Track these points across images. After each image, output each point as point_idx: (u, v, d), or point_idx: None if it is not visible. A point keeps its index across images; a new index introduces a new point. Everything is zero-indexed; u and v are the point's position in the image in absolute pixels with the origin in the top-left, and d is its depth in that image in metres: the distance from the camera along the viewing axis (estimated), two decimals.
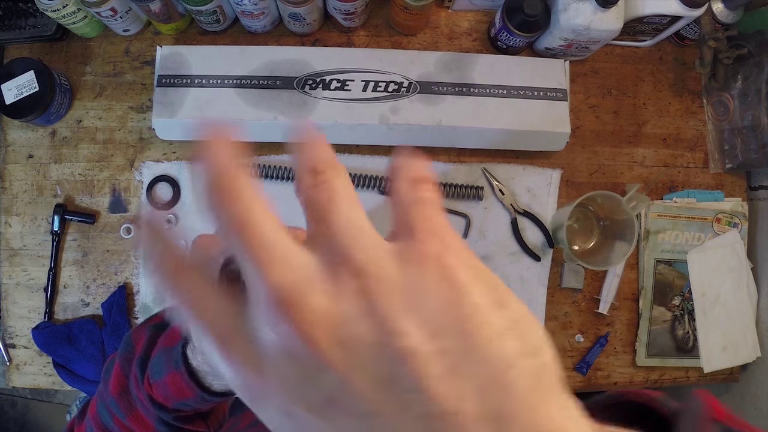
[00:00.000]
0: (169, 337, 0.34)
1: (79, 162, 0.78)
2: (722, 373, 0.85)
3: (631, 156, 0.85)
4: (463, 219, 0.80)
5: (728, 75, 0.83)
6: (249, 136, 0.76)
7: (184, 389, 0.32)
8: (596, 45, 0.78)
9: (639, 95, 0.86)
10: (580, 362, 0.81)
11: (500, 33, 0.77)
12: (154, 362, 0.34)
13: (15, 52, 0.79)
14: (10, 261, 0.77)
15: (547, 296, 0.81)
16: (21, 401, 1.56)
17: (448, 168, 0.80)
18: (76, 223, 0.77)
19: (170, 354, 0.32)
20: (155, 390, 0.33)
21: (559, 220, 0.78)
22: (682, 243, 0.84)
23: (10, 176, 0.78)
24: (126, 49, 0.80)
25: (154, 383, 0.33)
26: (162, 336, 0.35)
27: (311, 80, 0.73)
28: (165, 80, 0.72)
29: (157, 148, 0.79)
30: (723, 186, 0.86)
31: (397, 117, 0.73)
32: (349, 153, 0.79)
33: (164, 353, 0.33)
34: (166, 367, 0.32)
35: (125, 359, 0.37)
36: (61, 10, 0.70)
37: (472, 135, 0.76)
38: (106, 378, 0.38)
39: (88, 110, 0.79)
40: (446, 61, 0.76)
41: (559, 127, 0.75)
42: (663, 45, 0.87)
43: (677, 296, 0.84)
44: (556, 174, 0.82)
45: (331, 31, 0.82)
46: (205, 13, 0.73)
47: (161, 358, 0.33)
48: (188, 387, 0.32)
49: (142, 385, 0.34)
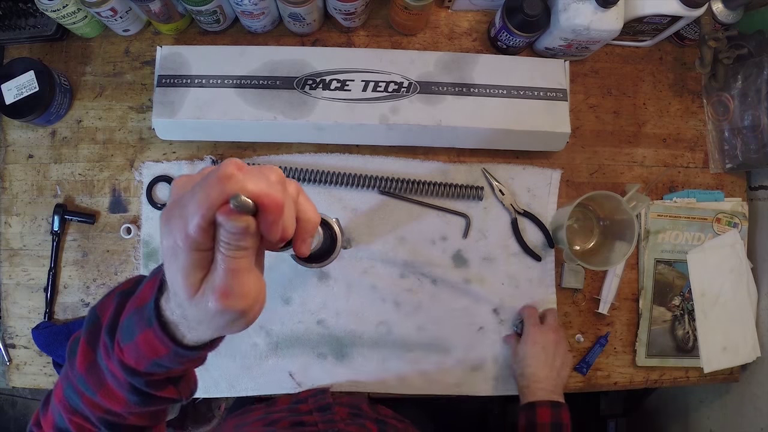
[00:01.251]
0: (139, 298, 0.34)
1: (79, 162, 0.78)
2: (722, 373, 0.85)
3: (631, 156, 0.85)
4: (463, 219, 0.80)
5: (728, 75, 0.83)
6: (249, 136, 0.76)
7: (157, 346, 0.32)
8: (596, 45, 0.78)
9: (639, 95, 0.86)
10: (580, 362, 0.81)
11: (500, 33, 0.77)
12: (125, 326, 0.34)
13: (15, 52, 0.79)
14: (10, 261, 0.77)
15: None
16: (21, 401, 1.56)
17: (448, 168, 0.80)
18: (76, 223, 0.77)
19: (142, 313, 0.33)
20: (126, 353, 0.34)
21: (559, 220, 0.78)
22: (682, 243, 0.84)
23: (10, 176, 0.78)
24: (126, 49, 0.80)
25: (125, 346, 0.33)
26: (130, 300, 0.35)
27: (311, 80, 0.73)
28: (165, 80, 0.72)
29: (157, 148, 0.79)
30: (723, 186, 0.86)
31: (397, 117, 0.73)
32: (349, 153, 0.79)
33: (135, 314, 0.33)
34: (138, 326, 0.33)
35: (91, 333, 0.37)
36: (61, 10, 0.70)
37: (472, 135, 0.76)
38: (72, 358, 0.37)
39: (88, 110, 0.79)
40: (446, 61, 0.76)
41: (559, 127, 0.75)
42: (663, 45, 0.87)
43: (677, 296, 0.83)
44: (556, 174, 0.82)
45: (331, 31, 0.82)
46: (205, 13, 0.73)
47: (132, 319, 0.34)
48: (161, 342, 0.32)
49: (112, 351, 0.34)
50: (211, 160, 0.77)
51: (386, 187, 0.78)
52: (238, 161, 0.28)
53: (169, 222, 0.28)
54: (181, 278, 0.29)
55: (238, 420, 0.68)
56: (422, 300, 0.78)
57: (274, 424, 0.62)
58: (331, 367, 0.77)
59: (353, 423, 0.63)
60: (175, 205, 0.28)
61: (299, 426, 0.61)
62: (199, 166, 0.77)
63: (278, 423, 0.63)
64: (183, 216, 0.28)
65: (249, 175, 0.28)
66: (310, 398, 0.70)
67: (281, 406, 0.70)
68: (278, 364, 0.76)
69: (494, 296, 0.79)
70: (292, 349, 0.76)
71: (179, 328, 0.32)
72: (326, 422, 0.62)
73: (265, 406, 0.72)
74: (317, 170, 0.77)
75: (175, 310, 0.32)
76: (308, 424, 0.62)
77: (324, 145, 0.79)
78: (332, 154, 0.79)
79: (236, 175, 0.27)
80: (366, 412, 0.68)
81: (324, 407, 0.66)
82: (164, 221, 0.29)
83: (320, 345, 0.77)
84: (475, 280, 0.79)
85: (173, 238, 0.28)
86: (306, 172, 0.77)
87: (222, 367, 0.76)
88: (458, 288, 0.79)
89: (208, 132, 0.75)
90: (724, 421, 0.93)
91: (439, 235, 0.79)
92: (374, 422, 0.64)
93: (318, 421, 0.62)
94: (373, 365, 0.77)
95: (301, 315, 0.77)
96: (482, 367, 0.79)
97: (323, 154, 0.79)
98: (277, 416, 0.65)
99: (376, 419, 0.66)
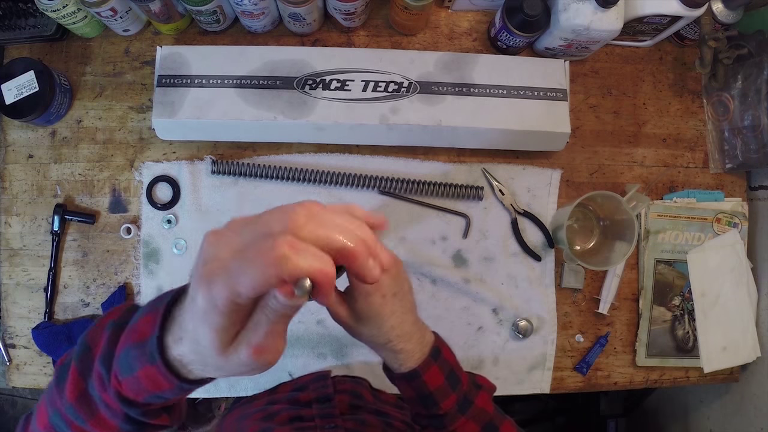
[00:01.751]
0: (136, 332, 0.34)
1: (79, 162, 0.78)
2: (722, 373, 0.85)
3: (631, 156, 0.85)
4: (463, 219, 0.80)
5: (728, 75, 0.83)
6: (249, 136, 0.76)
7: (160, 382, 0.32)
8: (596, 45, 0.78)
9: (639, 95, 0.86)
10: (580, 362, 0.81)
11: (500, 33, 0.77)
12: (122, 359, 0.34)
13: (15, 52, 0.79)
14: (10, 261, 0.77)
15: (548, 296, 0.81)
16: (21, 401, 1.56)
17: (448, 168, 0.80)
18: (76, 223, 0.77)
19: (143, 348, 0.32)
20: (125, 386, 0.33)
21: (559, 220, 0.78)
22: (682, 243, 0.84)
23: (10, 176, 0.78)
24: (126, 49, 0.80)
25: (124, 379, 0.33)
26: (125, 332, 0.34)
27: (311, 80, 0.73)
28: (165, 80, 0.72)
29: (157, 148, 0.79)
30: (723, 186, 0.86)
31: (397, 117, 0.73)
32: (349, 153, 0.79)
33: (134, 348, 0.33)
34: (139, 362, 0.32)
35: (82, 362, 0.36)
36: (61, 10, 0.70)
37: (472, 135, 0.76)
38: (61, 385, 0.37)
39: (88, 110, 0.79)
40: (446, 61, 0.76)
41: (559, 127, 0.75)
42: (663, 45, 0.87)
43: (677, 296, 0.84)
44: (556, 174, 0.82)
45: (331, 31, 0.82)
46: (205, 13, 0.73)
47: (130, 353, 0.33)
48: (166, 379, 0.32)
49: (109, 383, 0.34)
50: (211, 160, 0.77)
51: (386, 187, 0.78)
52: (311, 210, 0.29)
53: (211, 284, 0.28)
54: (213, 335, 0.29)
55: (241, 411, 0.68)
56: (422, 300, 0.78)
57: (272, 419, 0.62)
58: (331, 367, 0.77)
59: (352, 418, 0.62)
60: (220, 267, 0.28)
61: (297, 421, 0.61)
62: (198, 166, 0.77)
63: (276, 417, 0.63)
64: (230, 285, 0.27)
65: (307, 254, 0.28)
66: (311, 384, 0.69)
67: (282, 395, 0.70)
68: (278, 364, 0.75)
69: (494, 296, 0.79)
70: (292, 349, 0.77)
71: (188, 367, 0.32)
72: (324, 417, 0.61)
73: (268, 393, 0.72)
74: (317, 170, 0.77)
75: (189, 355, 0.31)
76: (306, 418, 0.62)
77: (324, 145, 0.79)
78: (332, 154, 0.79)
79: (295, 256, 0.27)
80: (367, 400, 0.68)
81: (324, 397, 0.66)
82: (205, 281, 0.28)
83: (320, 345, 0.77)
84: (474, 280, 0.79)
85: (213, 300, 0.28)
86: (306, 172, 0.77)
87: None
88: (458, 288, 0.79)
89: (208, 132, 0.75)
90: (724, 421, 0.93)
91: (439, 235, 0.79)
92: (375, 414, 0.64)
93: (315, 415, 0.62)
94: (372, 365, 0.77)
95: (301, 315, 0.77)
96: (482, 367, 0.79)
97: (323, 154, 0.79)
98: (276, 408, 0.65)
99: (377, 410, 0.65)
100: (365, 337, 0.47)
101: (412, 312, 0.48)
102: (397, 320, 0.46)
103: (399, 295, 0.46)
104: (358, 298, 0.45)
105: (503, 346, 0.79)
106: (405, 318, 0.47)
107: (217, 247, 0.29)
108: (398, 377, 0.49)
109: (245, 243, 0.29)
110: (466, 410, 0.50)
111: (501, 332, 0.79)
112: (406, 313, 0.47)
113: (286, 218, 0.28)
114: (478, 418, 0.50)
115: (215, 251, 0.29)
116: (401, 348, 0.47)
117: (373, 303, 0.44)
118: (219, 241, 0.29)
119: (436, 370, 0.49)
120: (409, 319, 0.48)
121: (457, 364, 0.51)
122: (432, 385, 0.48)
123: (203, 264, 0.29)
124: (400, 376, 0.49)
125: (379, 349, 0.49)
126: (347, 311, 0.46)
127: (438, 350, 0.50)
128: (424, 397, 0.49)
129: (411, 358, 0.48)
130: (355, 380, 0.74)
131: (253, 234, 0.29)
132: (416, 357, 0.48)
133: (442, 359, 0.50)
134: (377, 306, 0.44)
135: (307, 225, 0.29)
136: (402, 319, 0.47)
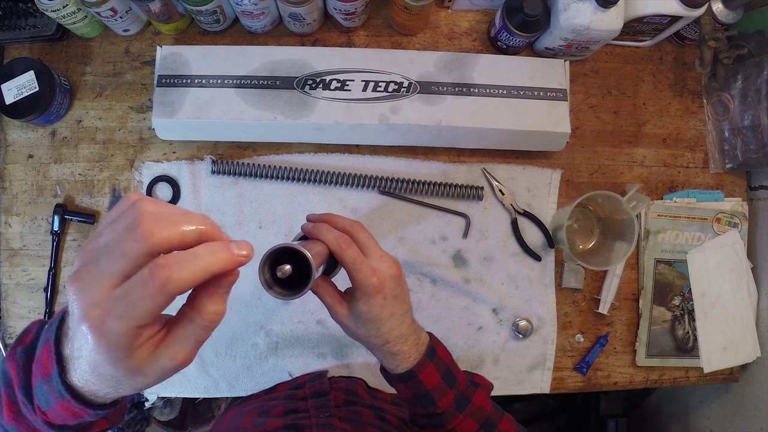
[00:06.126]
0: (40, 366, 0.33)
1: (79, 162, 0.78)
2: (722, 373, 0.85)
3: (631, 156, 0.85)
4: (463, 219, 0.80)
5: (728, 75, 0.83)
6: (249, 136, 0.76)
7: (77, 413, 0.32)
8: (596, 45, 0.78)
9: (639, 95, 0.86)
10: (580, 362, 0.81)
11: (500, 33, 0.77)
12: (38, 392, 0.33)
13: (15, 52, 0.79)
14: (10, 261, 0.77)
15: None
16: None
17: (448, 168, 0.80)
18: (76, 223, 0.77)
19: (50, 384, 0.32)
20: (50, 416, 0.33)
21: (559, 220, 0.78)
22: (682, 243, 0.84)
23: (10, 176, 0.78)
24: (126, 49, 0.80)
25: (48, 411, 0.33)
26: (35, 363, 0.34)
27: (311, 80, 0.73)
28: (165, 80, 0.72)
29: (157, 148, 0.79)
30: (723, 186, 0.86)
31: (397, 117, 0.73)
32: (349, 153, 0.79)
33: (44, 383, 0.32)
34: (52, 397, 0.32)
35: (8, 388, 0.36)
36: (61, 10, 0.70)
37: (472, 135, 0.76)
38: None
39: (88, 110, 0.79)
40: (446, 61, 0.76)
41: (559, 127, 0.75)
42: (663, 45, 0.87)
43: (677, 296, 0.84)
44: (556, 174, 0.82)
45: (331, 31, 0.82)
46: (205, 13, 0.73)
47: (43, 388, 0.32)
48: (80, 410, 0.31)
49: (35, 413, 0.34)
50: (211, 160, 0.77)
51: (386, 187, 0.78)
52: (147, 212, 0.28)
53: (105, 330, 0.27)
54: (119, 364, 0.28)
55: (238, 409, 0.68)
56: (422, 300, 0.78)
57: (267, 413, 0.62)
58: (331, 367, 0.77)
59: (346, 409, 0.62)
60: (104, 313, 0.27)
61: (292, 413, 0.61)
62: (198, 166, 0.77)
63: (271, 412, 0.63)
64: (127, 324, 0.27)
65: (183, 264, 0.28)
66: (307, 383, 0.70)
67: (279, 393, 0.70)
68: (278, 364, 0.76)
69: (494, 296, 0.79)
70: (291, 349, 0.76)
71: (99, 394, 0.31)
72: (319, 408, 0.62)
73: (265, 392, 0.72)
74: (317, 170, 0.77)
75: (98, 386, 0.30)
76: (301, 410, 0.62)
77: (324, 145, 0.79)
78: (332, 154, 0.79)
79: (176, 273, 0.27)
80: (363, 397, 0.68)
81: (320, 393, 0.66)
82: (97, 330, 0.27)
83: (320, 345, 0.77)
84: (474, 280, 0.79)
85: (110, 342, 0.27)
86: (306, 172, 0.77)
87: (222, 368, 0.76)
88: (458, 288, 0.79)
89: (208, 132, 0.75)
90: (724, 421, 0.93)
91: (439, 235, 0.79)
92: (370, 408, 0.64)
93: (310, 407, 0.62)
94: (372, 365, 0.77)
95: (301, 315, 0.77)
96: (482, 367, 0.79)
97: (323, 154, 0.79)
98: (273, 404, 0.65)
99: (372, 405, 0.65)
100: (363, 337, 0.48)
101: (409, 314, 0.49)
102: (396, 322, 0.47)
103: (399, 298, 0.47)
104: (359, 299, 0.45)
105: (503, 346, 0.79)
106: (403, 320, 0.47)
107: (90, 293, 0.27)
108: (395, 378, 0.50)
109: (114, 277, 0.27)
110: (464, 408, 0.50)
111: (501, 332, 0.79)
112: (404, 315, 0.48)
113: (137, 233, 0.27)
114: (476, 415, 0.51)
115: (89, 297, 0.27)
116: (398, 350, 0.48)
117: (374, 304, 0.45)
118: (86, 288, 0.28)
119: (432, 369, 0.49)
120: (406, 320, 0.48)
121: (454, 363, 0.52)
122: (429, 384, 0.49)
123: (85, 316, 0.27)
124: (396, 377, 0.49)
125: (377, 350, 0.49)
126: (347, 311, 0.47)
127: (433, 350, 0.50)
128: (421, 397, 0.49)
129: (407, 359, 0.49)
130: (351, 380, 0.75)
131: (115, 264, 0.27)
132: (412, 358, 0.49)
133: (438, 358, 0.50)
134: (378, 307, 0.45)
135: (156, 232, 0.27)
136: (401, 320, 0.47)
